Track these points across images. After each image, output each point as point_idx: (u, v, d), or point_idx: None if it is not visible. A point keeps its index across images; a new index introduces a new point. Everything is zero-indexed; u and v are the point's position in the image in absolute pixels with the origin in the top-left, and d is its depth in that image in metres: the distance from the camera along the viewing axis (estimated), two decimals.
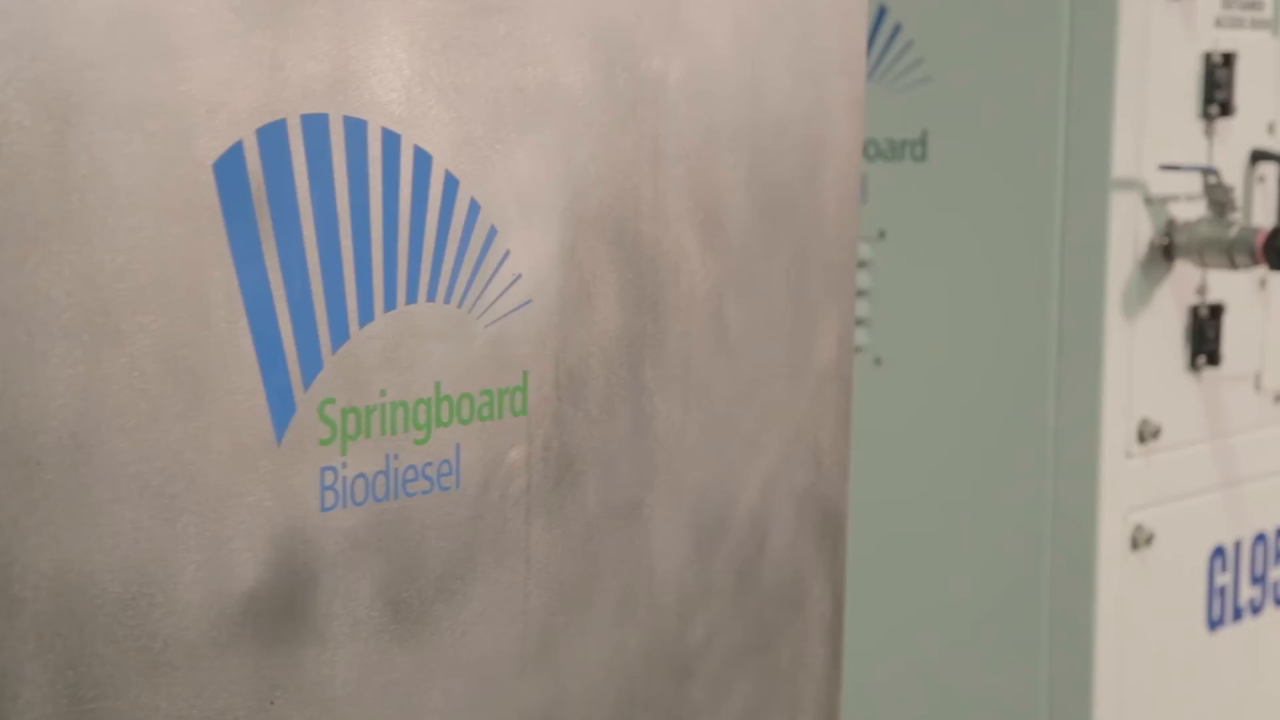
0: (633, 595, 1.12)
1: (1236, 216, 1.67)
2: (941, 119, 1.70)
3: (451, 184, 0.97)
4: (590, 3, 1.04)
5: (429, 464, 0.98)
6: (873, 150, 1.75)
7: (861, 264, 1.76)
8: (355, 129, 0.92)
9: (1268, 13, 1.75)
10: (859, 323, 1.77)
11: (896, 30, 1.71)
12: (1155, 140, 1.64)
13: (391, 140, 0.94)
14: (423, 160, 0.95)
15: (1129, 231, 1.63)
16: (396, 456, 0.96)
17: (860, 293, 1.76)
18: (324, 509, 0.92)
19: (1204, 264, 1.67)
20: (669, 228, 1.12)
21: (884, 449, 1.77)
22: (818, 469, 1.27)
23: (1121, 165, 1.61)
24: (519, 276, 1.02)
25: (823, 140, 1.23)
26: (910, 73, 1.71)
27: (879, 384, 1.76)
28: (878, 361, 1.76)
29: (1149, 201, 1.65)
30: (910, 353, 1.74)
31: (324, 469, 0.92)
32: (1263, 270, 1.67)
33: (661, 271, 1.12)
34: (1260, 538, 1.85)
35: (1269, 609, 1.86)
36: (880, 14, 1.72)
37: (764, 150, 1.19)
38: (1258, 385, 1.81)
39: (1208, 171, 1.65)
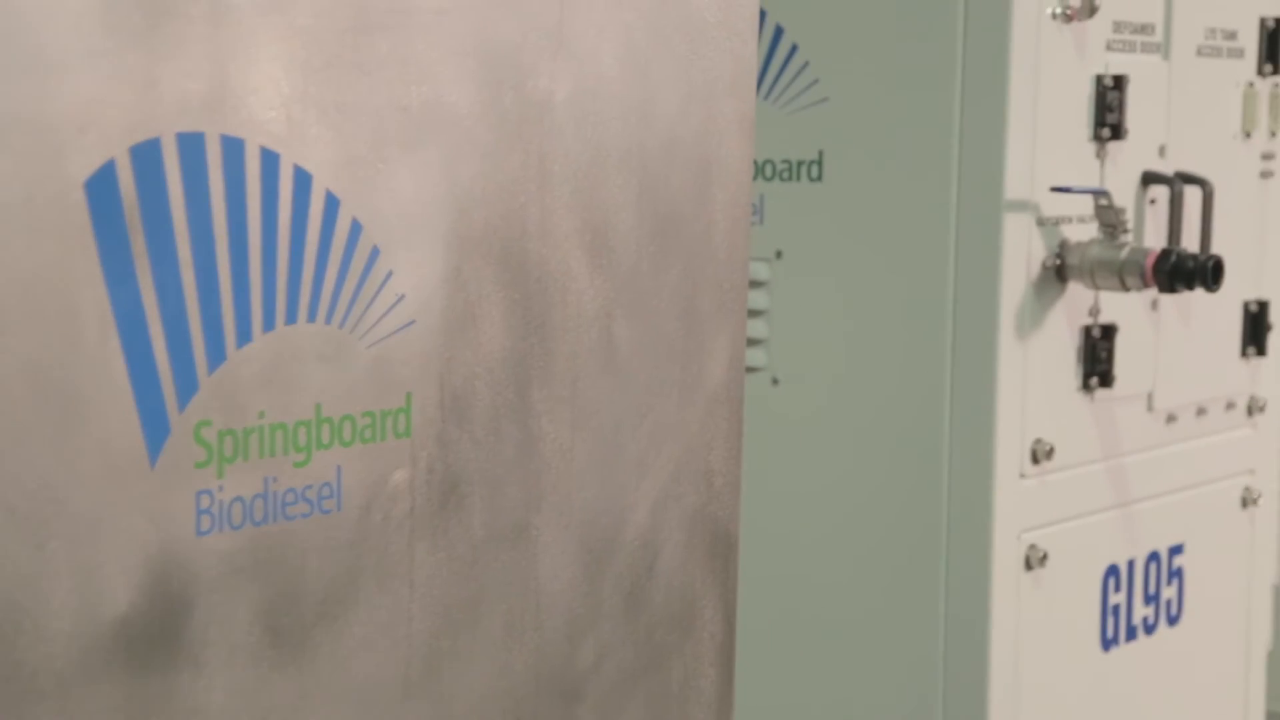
0: (520, 618, 1.11)
1: (1128, 238, 1.68)
2: (838, 140, 1.70)
3: (333, 203, 0.96)
4: (475, 22, 1.03)
5: (309, 487, 0.97)
6: (769, 170, 1.75)
7: (758, 284, 1.76)
8: (232, 148, 0.90)
9: (1158, 36, 1.77)
10: (756, 343, 1.77)
11: (793, 51, 1.72)
12: (1047, 162, 1.65)
13: (270, 159, 0.92)
14: (303, 179, 0.94)
15: (1022, 253, 1.64)
16: (275, 479, 0.94)
17: (757, 313, 1.76)
18: (199, 533, 0.91)
19: (1096, 285, 1.68)
20: (556, 248, 1.12)
21: (781, 468, 1.77)
22: (709, 489, 1.27)
23: (1014, 187, 1.62)
24: (402, 297, 1.01)
25: (713, 160, 1.23)
26: (806, 93, 1.72)
27: (776, 404, 1.76)
28: (775, 381, 1.76)
29: (1041, 223, 1.66)
30: (807, 372, 1.75)
31: (199, 492, 0.91)
32: (1155, 291, 1.69)
33: (549, 292, 1.12)
34: (1153, 557, 1.86)
35: (1162, 628, 1.88)
36: (777, 35, 1.73)
37: (653, 170, 1.18)
38: (1150, 406, 1.83)
39: (1098, 194, 1.67)
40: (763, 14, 1.73)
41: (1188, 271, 1.64)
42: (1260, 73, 1.90)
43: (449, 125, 1.02)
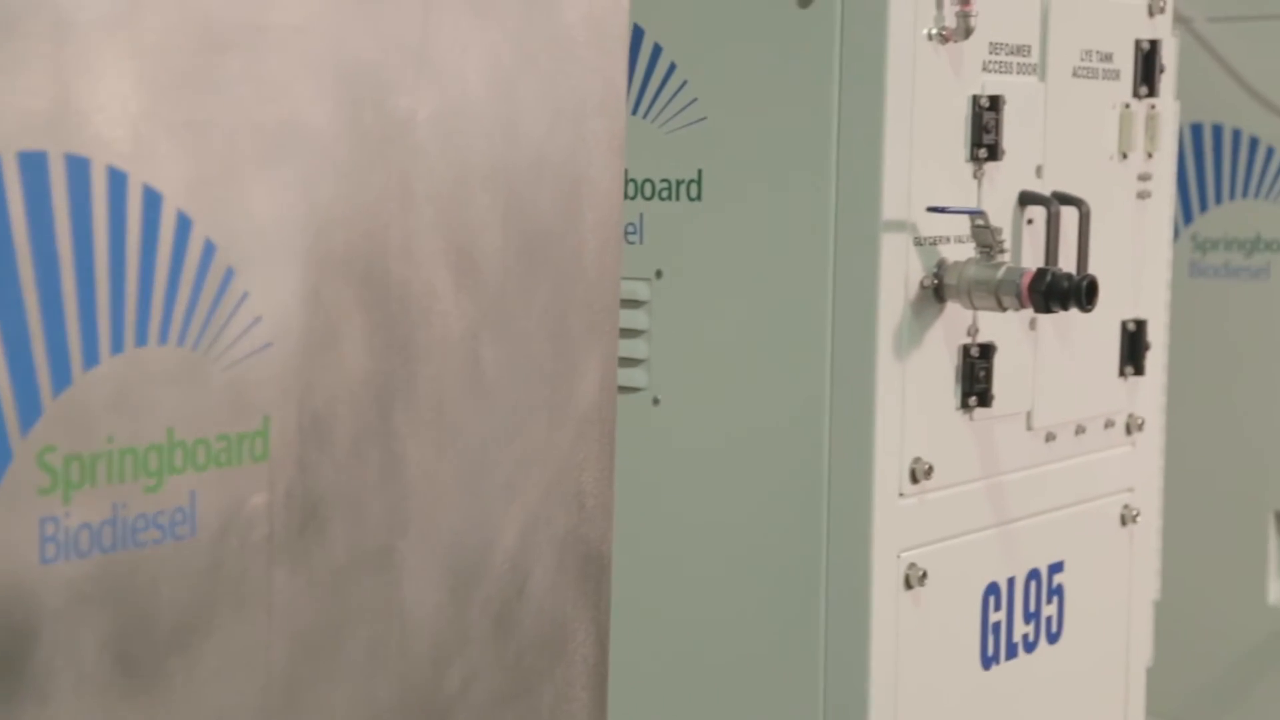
0: (384, 644, 1.10)
1: (1005, 258, 1.69)
2: (716, 159, 1.70)
3: (184, 224, 0.94)
4: (333, 39, 1.02)
5: (161, 512, 0.95)
6: (649, 189, 1.74)
7: (638, 304, 1.76)
8: (77, 167, 0.88)
9: (1034, 58, 1.78)
10: (636, 362, 1.76)
11: (671, 70, 1.71)
12: (925, 182, 1.65)
13: (118, 179, 0.91)
14: (152, 199, 0.92)
15: (899, 272, 1.65)
16: (125, 505, 0.92)
17: (637, 332, 1.76)
18: (44, 560, 0.89)
19: (973, 305, 1.69)
20: (420, 268, 1.10)
21: (661, 489, 1.76)
22: (580, 511, 1.26)
23: (891, 207, 1.63)
24: (259, 318, 0.99)
25: (582, 180, 1.23)
26: (685, 112, 1.71)
27: (657, 424, 1.76)
28: (655, 401, 1.75)
29: (919, 243, 1.66)
30: (688, 392, 1.74)
31: (44, 519, 0.88)
32: (1032, 311, 1.70)
33: (413, 313, 1.10)
34: (1033, 575, 1.87)
35: (1042, 646, 1.89)
36: (655, 53, 1.72)
37: (520, 190, 1.17)
38: (1029, 424, 1.84)
39: (974, 214, 1.67)
40: (641, 32, 1.73)
41: (1063, 291, 1.65)
42: (1136, 94, 1.92)
43: (307, 144, 1.01)
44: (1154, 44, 1.92)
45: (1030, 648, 1.87)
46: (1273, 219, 2.74)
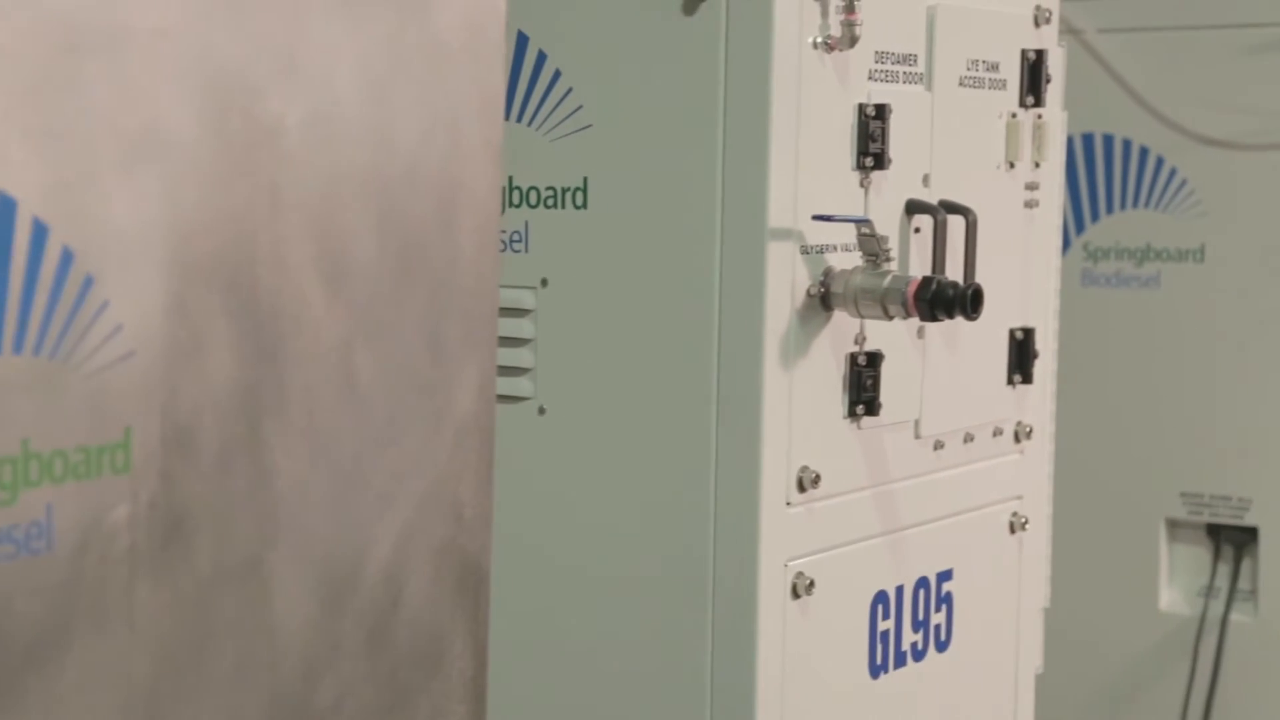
0: (252, 658, 1.08)
1: (891, 266, 1.69)
2: (602, 166, 1.69)
3: (40, 231, 0.92)
4: (198, 44, 1.00)
5: (15, 526, 0.92)
6: (534, 197, 1.73)
7: (524, 312, 1.74)
8: None
9: (921, 67, 1.78)
10: (522, 371, 1.75)
11: (556, 77, 1.70)
12: (811, 191, 1.65)
13: None
14: (6, 206, 0.90)
15: (786, 281, 1.65)
16: None
17: (523, 341, 1.74)
18: None
19: (860, 313, 1.69)
20: (290, 276, 1.09)
21: (547, 498, 1.75)
22: (458, 522, 1.25)
23: (777, 215, 1.63)
24: (120, 327, 0.97)
25: (459, 188, 1.21)
26: (570, 119, 1.70)
27: (543, 433, 1.74)
28: (542, 411, 1.74)
29: (806, 251, 1.66)
30: (574, 402, 1.73)
31: None
32: (918, 319, 1.70)
33: (283, 321, 1.08)
34: (922, 583, 1.88)
35: (931, 654, 1.89)
36: (539, 60, 1.71)
37: (395, 197, 1.16)
38: (917, 433, 1.84)
39: (860, 222, 1.68)
40: (525, 39, 1.72)
41: (948, 300, 1.65)
42: (1023, 104, 1.93)
43: (170, 150, 0.99)
44: (1040, 54, 1.94)
45: (919, 656, 1.88)
46: (1163, 228, 2.77)
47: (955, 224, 1.79)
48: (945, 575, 1.91)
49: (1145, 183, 2.78)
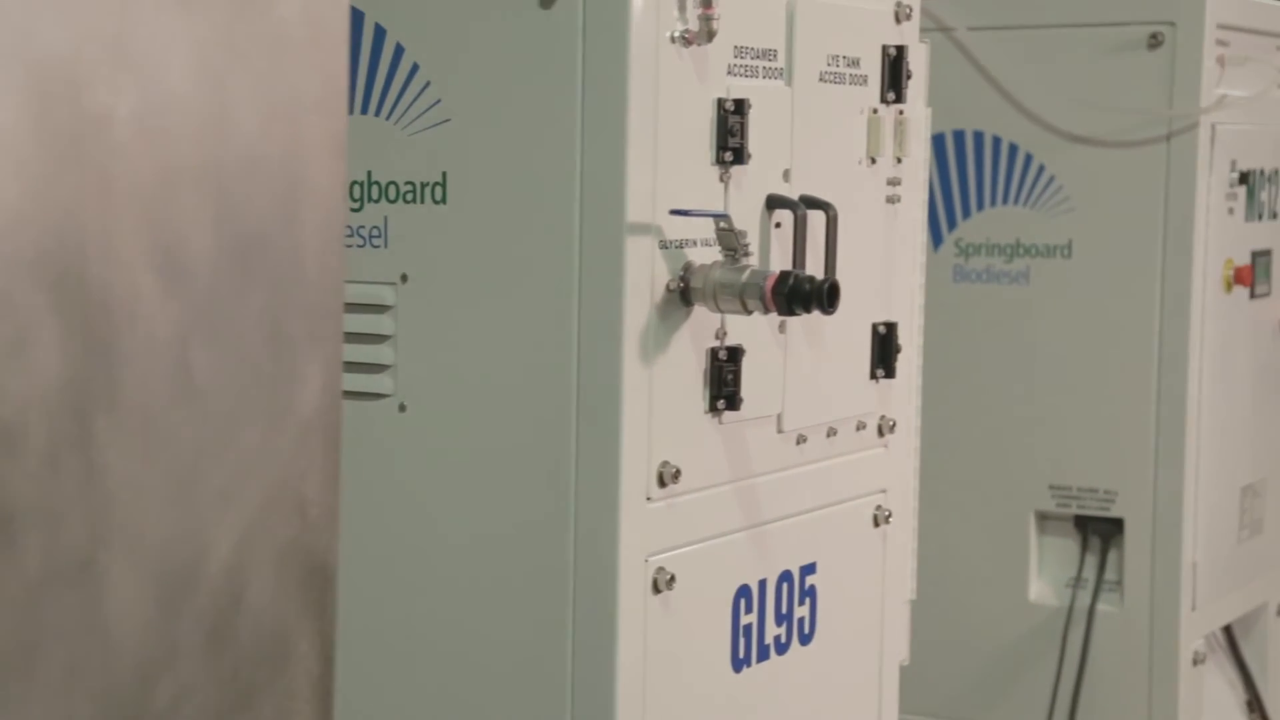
0: (84, 661, 1.06)
1: (750, 261, 1.70)
2: (461, 161, 1.68)
3: None
4: (17, 32, 0.98)
5: None
6: (393, 192, 1.72)
7: (383, 309, 1.73)
8: None
9: (780, 62, 1.79)
10: (382, 369, 1.73)
11: (414, 70, 1.69)
12: (670, 185, 1.65)
13: None
14: None
15: (645, 276, 1.64)
16: None
17: (383, 338, 1.73)
18: None
19: (719, 308, 1.69)
20: (123, 271, 1.07)
21: (408, 496, 1.74)
22: (303, 520, 1.23)
23: (636, 210, 1.62)
24: None
25: (300, 181, 1.20)
26: (428, 113, 1.69)
27: (403, 430, 1.73)
28: (402, 408, 1.73)
29: (665, 246, 1.66)
30: (435, 399, 1.72)
31: None
32: (777, 314, 1.70)
33: (115, 317, 1.06)
34: (785, 577, 1.88)
35: (795, 647, 1.90)
36: (397, 54, 1.70)
37: (232, 191, 1.14)
38: (780, 427, 1.85)
39: (718, 217, 1.68)
40: (383, 32, 1.70)
41: (805, 294, 1.66)
42: (884, 100, 1.94)
43: None
44: (901, 50, 1.95)
45: (782, 649, 1.88)
46: (1032, 225, 2.80)
47: (815, 219, 1.79)
48: (809, 569, 1.92)
49: (1015, 180, 2.81)
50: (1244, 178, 2.80)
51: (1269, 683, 3.12)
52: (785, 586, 1.88)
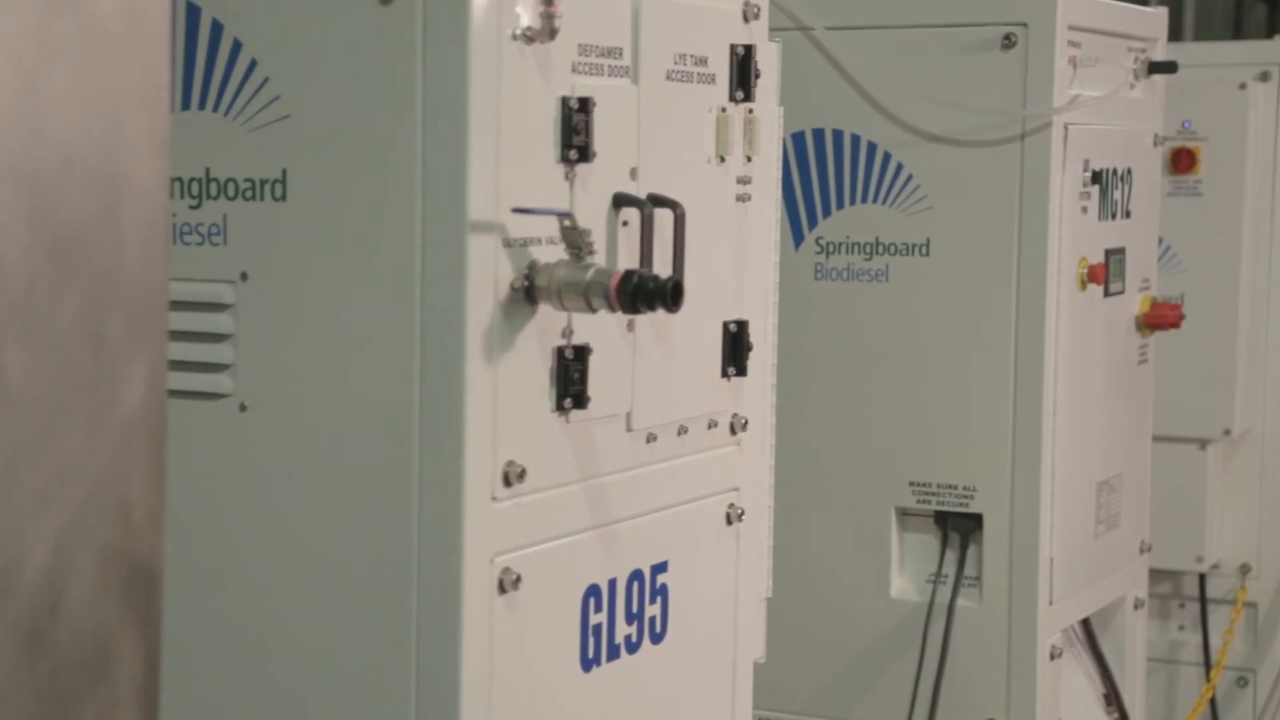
0: None
1: (595, 259, 1.69)
2: (301, 158, 1.66)
3: None
4: None
5: None
6: (232, 189, 1.70)
7: (222, 307, 1.71)
8: None
9: (627, 60, 1.79)
10: (222, 368, 1.71)
11: (252, 66, 1.67)
12: (513, 184, 1.64)
13: None
14: None
15: (489, 274, 1.63)
16: None
17: (222, 337, 1.71)
18: None
19: (564, 307, 1.68)
20: None
21: (249, 497, 1.71)
22: (125, 523, 1.21)
23: (479, 208, 1.61)
24: None
25: (121, 178, 1.18)
26: (267, 110, 1.67)
27: (244, 431, 1.71)
28: (243, 408, 1.71)
29: (509, 244, 1.65)
30: (277, 398, 1.70)
31: None
32: (624, 312, 1.70)
33: None
34: (636, 575, 1.88)
35: (646, 646, 1.90)
36: (235, 49, 1.68)
37: (48, 188, 1.12)
38: (629, 426, 1.85)
39: (562, 215, 1.67)
40: (220, 27, 1.68)
41: (649, 292, 1.66)
42: (733, 98, 1.94)
43: None
44: (749, 49, 1.95)
45: (633, 648, 1.88)
46: (891, 223, 2.82)
47: (663, 217, 1.79)
48: (660, 567, 1.92)
49: (874, 178, 2.83)
50: (1097, 177, 2.84)
51: (1126, 676, 3.17)
52: (636, 585, 1.88)
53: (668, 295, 1.66)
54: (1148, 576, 3.26)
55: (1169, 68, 3.02)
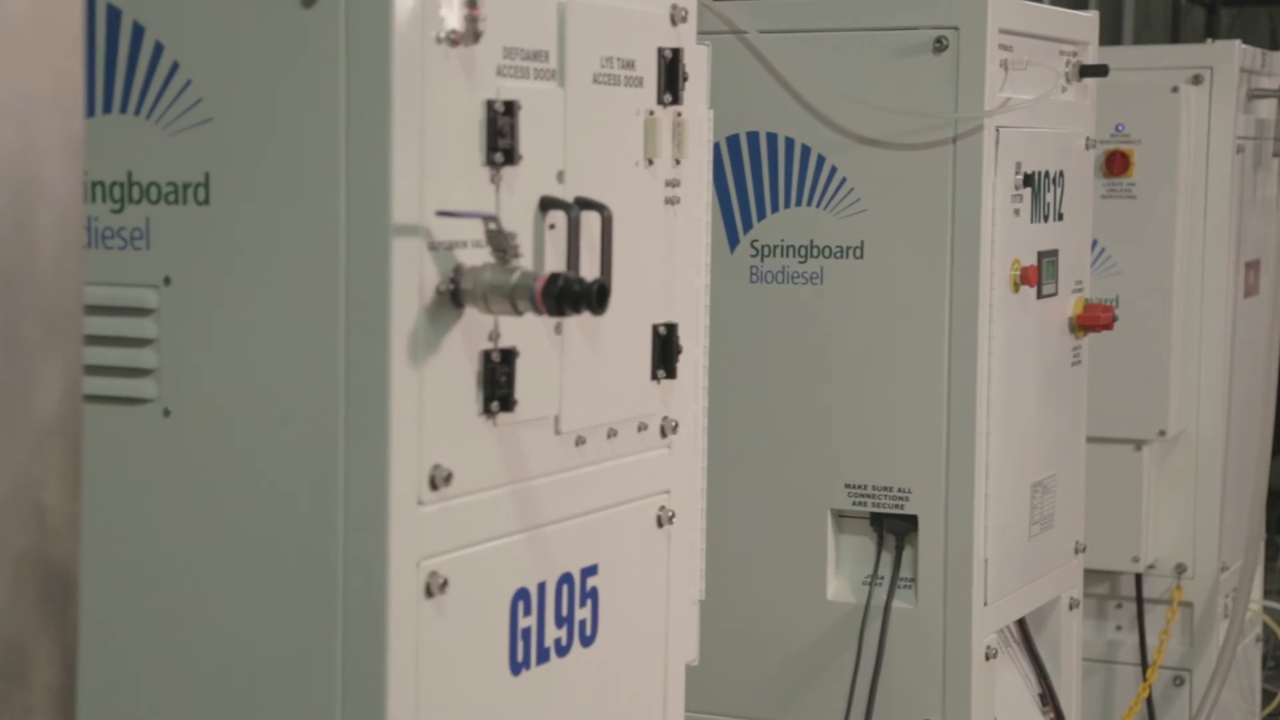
0: None
1: (521, 262, 1.69)
2: (224, 161, 1.66)
3: None
4: None
5: None
6: (155, 193, 1.69)
7: (145, 312, 1.70)
8: None
9: (553, 64, 1.79)
10: (145, 373, 1.70)
11: (174, 69, 1.66)
12: (438, 187, 1.64)
13: None
14: None
15: (414, 277, 1.63)
16: None
17: (145, 342, 1.70)
18: None
19: (490, 310, 1.68)
20: None
21: (173, 502, 1.71)
22: (40, 528, 1.20)
23: (403, 211, 1.61)
24: None
25: (33, 181, 1.17)
26: (190, 113, 1.67)
27: (168, 436, 1.70)
28: (166, 413, 1.70)
29: (434, 247, 1.65)
30: (201, 403, 1.69)
31: None
32: (551, 315, 1.70)
33: None
34: (565, 579, 1.88)
35: (576, 649, 1.90)
36: (156, 52, 1.67)
37: None
38: (557, 429, 1.85)
39: (486, 218, 1.67)
40: (141, 29, 1.67)
41: (574, 295, 1.66)
42: (661, 101, 1.95)
43: None
44: (676, 52, 1.95)
45: (563, 651, 1.88)
46: (825, 226, 2.83)
47: (591, 220, 1.79)
48: (590, 570, 1.92)
49: (808, 181, 2.84)
50: (1029, 180, 2.85)
51: (1061, 675, 3.19)
52: (566, 588, 1.88)
53: (593, 298, 1.66)
54: (1083, 577, 3.28)
55: (1100, 71, 3.04)
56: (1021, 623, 3.12)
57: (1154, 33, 8.70)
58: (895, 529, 2.85)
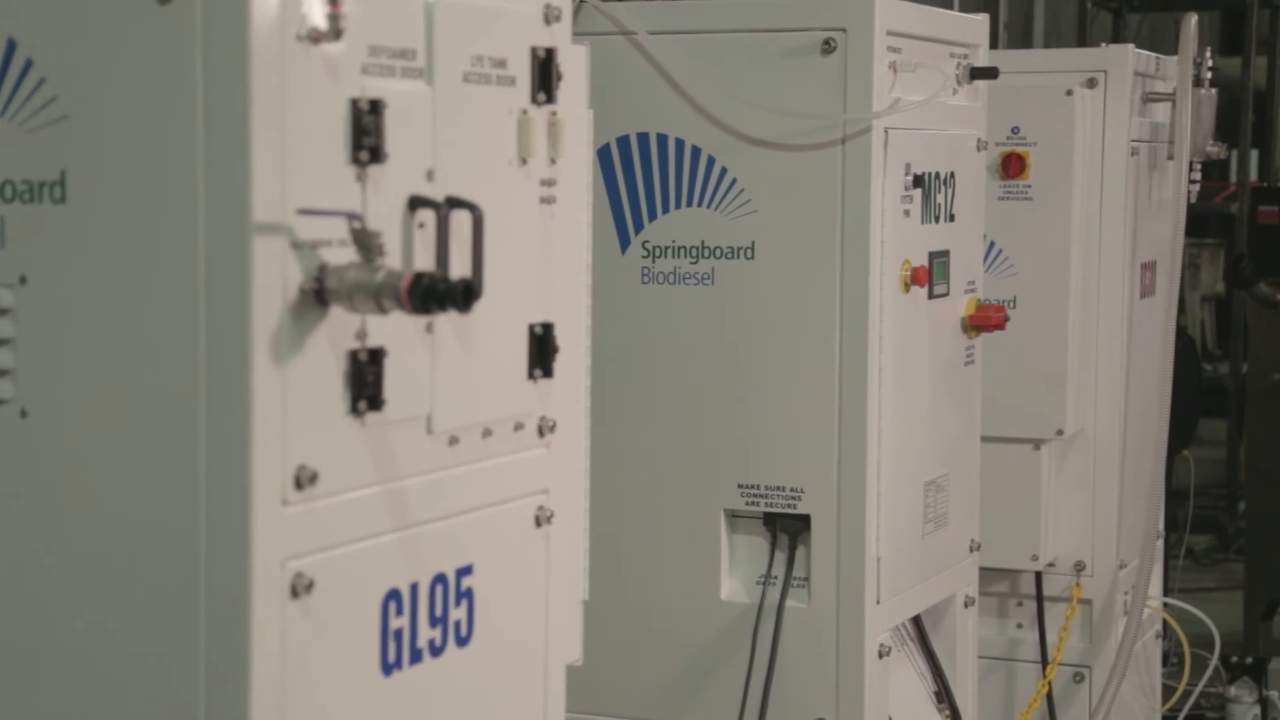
0: None
1: (386, 261, 1.68)
2: (81, 159, 1.64)
3: None
4: None
5: None
6: (9, 191, 1.67)
7: (2, 312, 1.68)
8: None
9: (421, 62, 1.78)
10: (3, 374, 1.68)
11: (28, 66, 1.64)
12: (301, 185, 1.63)
13: None
14: None
15: (276, 277, 1.62)
16: None
17: (2, 342, 1.68)
18: None
19: (356, 309, 1.67)
20: None
21: (31, 505, 1.69)
22: None
23: (264, 210, 1.60)
24: None
25: None
26: (45, 110, 1.65)
27: (25, 437, 1.68)
28: (24, 414, 1.68)
29: (298, 246, 1.64)
30: (59, 404, 1.67)
31: None
32: (422, 314, 1.69)
33: None
34: (439, 579, 1.87)
35: (451, 649, 1.89)
36: (10, 48, 1.65)
37: None
38: (429, 429, 1.84)
39: (350, 217, 1.66)
40: None
41: (440, 294, 1.65)
42: (534, 101, 1.94)
43: None
44: (550, 52, 1.95)
45: (437, 652, 1.87)
46: (716, 227, 2.84)
47: (460, 219, 1.79)
48: (465, 570, 1.91)
49: (698, 182, 2.85)
50: (919, 181, 2.87)
51: (957, 673, 3.21)
52: (440, 589, 1.87)
53: (459, 296, 1.66)
54: (983, 575, 3.30)
55: (990, 73, 3.06)
56: (917, 621, 3.14)
57: (1063, 37, 8.78)
58: (788, 528, 2.85)
